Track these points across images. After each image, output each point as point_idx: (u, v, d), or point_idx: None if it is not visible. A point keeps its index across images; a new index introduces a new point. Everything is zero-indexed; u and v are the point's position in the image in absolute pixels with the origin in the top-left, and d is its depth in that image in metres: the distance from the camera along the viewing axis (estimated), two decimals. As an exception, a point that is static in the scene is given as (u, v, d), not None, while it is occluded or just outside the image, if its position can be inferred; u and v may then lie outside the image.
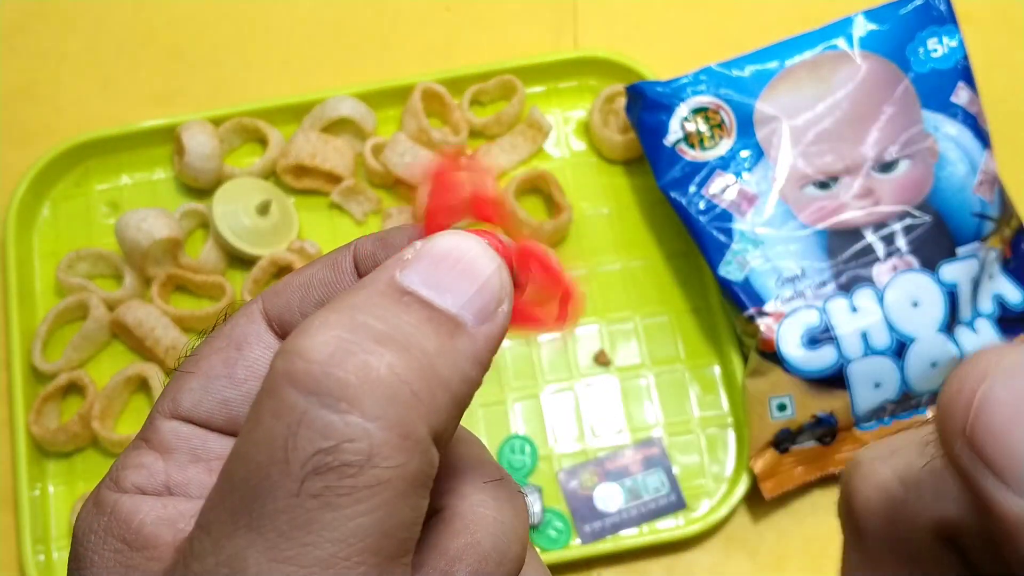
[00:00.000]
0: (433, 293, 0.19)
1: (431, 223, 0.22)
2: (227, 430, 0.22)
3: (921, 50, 0.60)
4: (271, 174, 0.67)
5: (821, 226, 0.58)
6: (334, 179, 0.65)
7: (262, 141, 0.67)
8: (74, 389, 0.61)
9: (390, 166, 0.64)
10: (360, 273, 0.23)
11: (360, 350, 0.17)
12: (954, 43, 0.61)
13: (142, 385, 0.61)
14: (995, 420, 0.17)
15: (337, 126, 0.66)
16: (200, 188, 0.66)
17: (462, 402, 0.19)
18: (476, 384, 0.19)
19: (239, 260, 0.64)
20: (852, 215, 0.58)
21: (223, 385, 0.22)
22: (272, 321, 0.23)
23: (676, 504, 0.58)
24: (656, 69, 0.66)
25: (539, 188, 0.66)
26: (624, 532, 0.58)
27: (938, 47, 0.60)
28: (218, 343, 0.23)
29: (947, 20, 0.61)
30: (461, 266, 0.19)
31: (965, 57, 0.61)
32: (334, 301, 0.19)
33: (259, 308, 0.23)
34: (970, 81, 0.61)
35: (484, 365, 0.19)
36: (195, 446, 0.22)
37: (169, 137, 0.66)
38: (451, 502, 0.22)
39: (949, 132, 0.60)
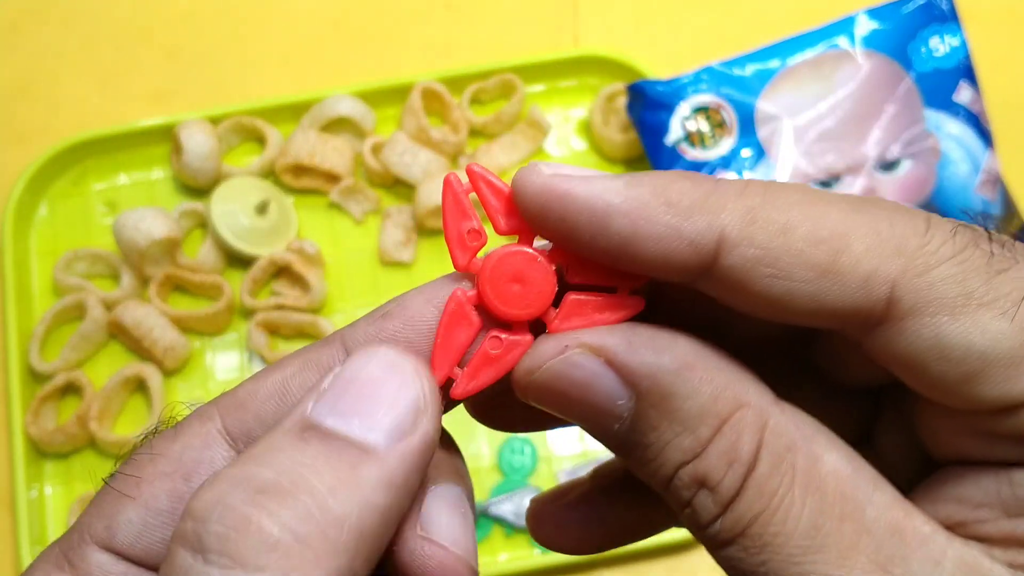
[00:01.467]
0: (339, 421, 0.19)
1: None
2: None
3: (923, 49, 0.60)
4: (270, 173, 0.66)
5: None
6: (333, 178, 0.65)
7: (260, 140, 0.67)
8: (72, 390, 0.61)
9: (389, 165, 0.64)
10: None
11: (241, 503, 0.17)
12: (956, 42, 0.60)
13: (140, 386, 0.61)
14: (552, 405, 0.21)
15: (336, 125, 0.66)
16: (198, 187, 0.65)
17: (372, 531, 0.18)
18: (389, 508, 0.19)
19: (238, 260, 0.63)
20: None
21: (164, 522, 0.20)
22: (237, 439, 0.21)
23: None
24: (656, 68, 0.66)
25: (539, 187, 0.65)
26: (625, 533, 0.58)
27: (940, 46, 0.60)
28: (164, 466, 0.21)
29: (949, 18, 0.61)
30: (370, 387, 0.19)
31: (968, 56, 0.61)
32: (237, 456, 0.19)
33: (218, 428, 0.21)
34: (972, 80, 0.61)
35: (398, 486, 0.19)
36: None
37: (167, 136, 0.66)
38: None
39: (951, 131, 0.59)
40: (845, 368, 0.23)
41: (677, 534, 0.57)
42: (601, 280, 0.21)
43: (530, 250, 0.21)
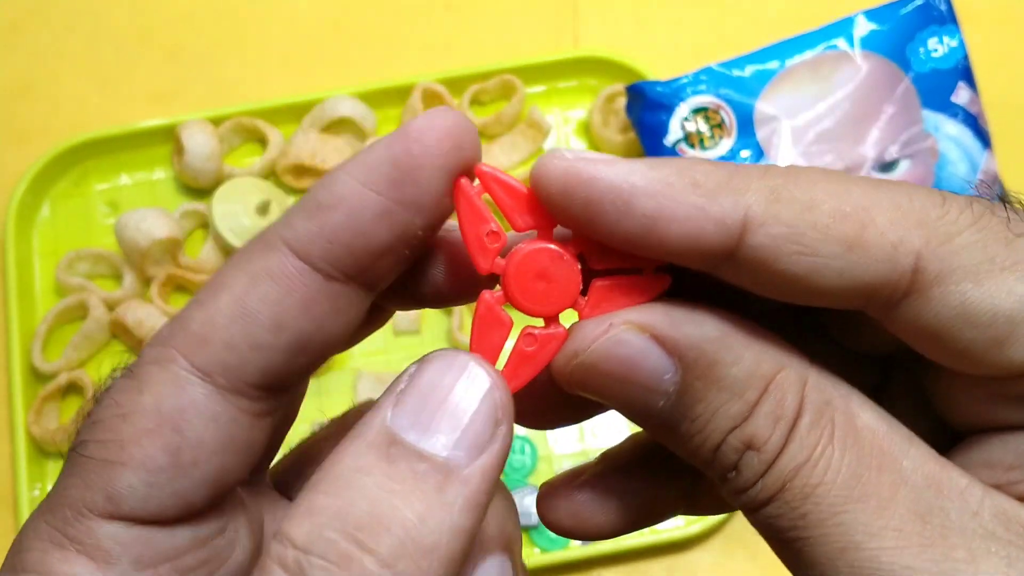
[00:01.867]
0: (422, 438, 0.19)
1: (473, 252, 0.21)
2: (179, 519, 0.20)
3: (922, 50, 0.60)
4: (271, 174, 0.67)
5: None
6: (334, 179, 0.65)
7: (262, 141, 0.67)
8: (74, 389, 0.61)
9: (390, 166, 0.64)
10: (319, 270, 0.20)
11: (341, 538, 0.18)
12: (954, 43, 0.61)
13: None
14: (593, 388, 0.21)
15: (337, 126, 0.66)
16: (200, 188, 0.65)
17: (459, 554, 0.19)
18: (472, 530, 0.19)
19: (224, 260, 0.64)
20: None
21: (170, 477, 0.20)
22: (213, 374, 0.20)
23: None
24: (656, 69, 0.66)
25: (539, 188, 0.66)
26: (624, 532, 0.58)
27: (938, 47, 0.60)
28: (145, 423, 0.20)
29: (947, 20, 0.61)
30: (449, 400, 0.19)
31: (966, 57, 0.61)
32: (324, 468, 0.19)
33: (186, 368, 0.20)
34: (970, 81, 0.61)
35: (481, 505, 0.19)
36: (140, 553, 0.20)
37: (169, 137, 0.66)
38: None
39: (949, 132, 0.60)
40: (856, 338, 0.23)
41: (677, 532, 0.57)
42: (624, 263, 0.21)
43: (551, 245, 0.21)
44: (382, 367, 0.62)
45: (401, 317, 0.62)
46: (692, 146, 0.60)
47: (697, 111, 0.60)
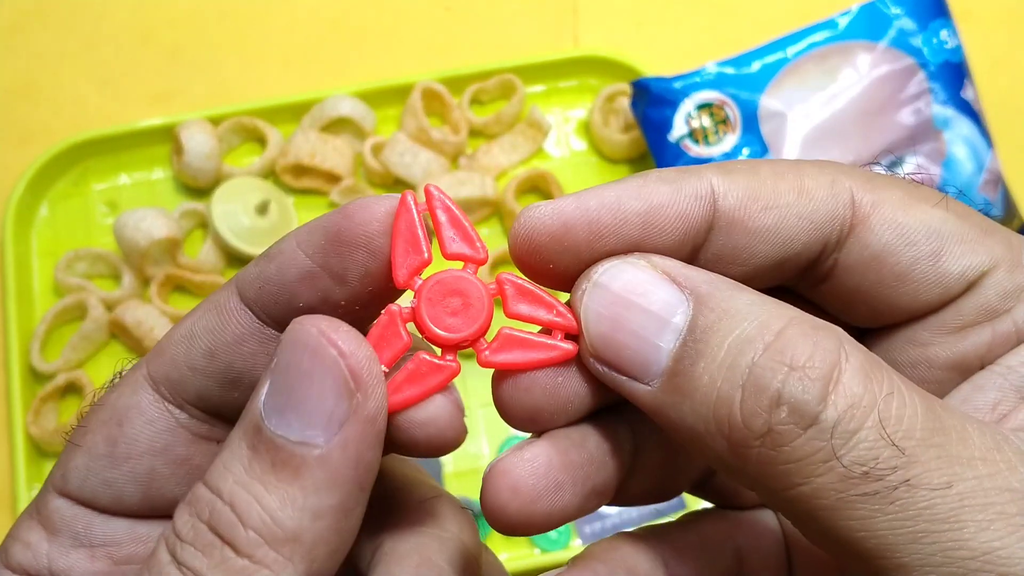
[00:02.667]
0: (281, 423, 0.19)
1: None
2: (112, 510, 0.22)
3: (935, 40, 0.59)
4: (270, 173, 0.66)
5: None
6: (333, 178, 0.65)
7: (261, 140, 0.67)
8: (72, 389, 0.61)
9: (389, 165, 0.64)
10: (252, 307, 0.22)
11: (207, 529, 0.19)
12: (960, 39, 0.60)
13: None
14: (602, 330, 0.20)
15: (336, 125, 0.66)
16: (199, 187, 0.65)
17: (329, 530, 0.19)
18: (343, 502, 0.19)
19: (238, 260, 0.63)
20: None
21: (104, 465, 0.22)
22: (159, 383, 0.22)
23: (676, 505, 0.58)
24: (656, 68, 0.66)
25: (539, 187, 0.66)
26: (625, 533, 0.58)
27: (949, 39, 0.60)
28: (103, 414, 0.22)
29: (946, 13, 0.61)
30: (299, 377, 0.19)
31: (963, 54, 0.61)
32: (216, 456, 0.20)
33: (144, 374, 0.22)
34: (971, 78, 0.61)
35: (347, 480, 0.19)
36: (78, 530, 0.22)
37: (168, 137, 0.66)
38: (391, 537, 0.23)
39: (960, 128, 0.59)
40: (847, 309, 0.23)
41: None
42: (539, 318, 0.21)
43: (472, 277, 0.21)
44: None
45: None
46: (696, 142, 0.60)
47: (702, 107, 0.60)
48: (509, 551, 0.57)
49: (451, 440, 0.21)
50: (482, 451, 0.60)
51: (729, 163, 0.22)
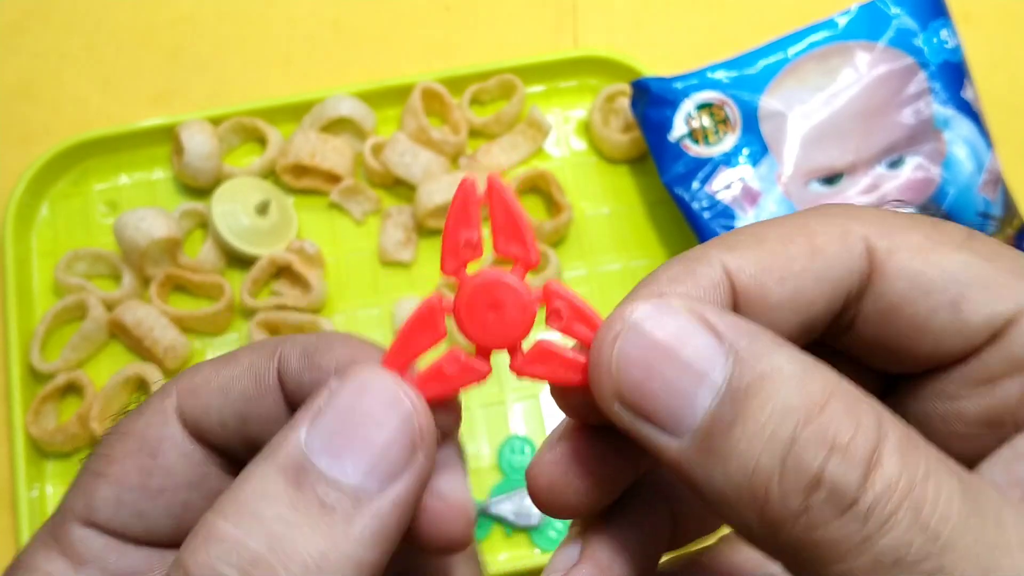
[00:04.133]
0: (333, 463, 0.18)
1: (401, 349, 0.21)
2: (144, 540, 0.22)
3: (935, 39, 0.59)
4: (270, 174, 0.66)
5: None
6: (333, 179, 0.65)
7: (261, 140, 0.67)
8: (72, 389, 0.61)
9: (389, 165, 0.64)
10: (285, 393, 0.22)
11: (236, 573, 0.17)
12: (960, 39, 0.60)
13: (141, 385, 0.61)
14: (633, 376, 0.19)
15: (337, 125, 0.66)
16: (199, 188, 0.65)
17: None
18: (379, 564, 0.18)
19: (238, 260, 0.63)
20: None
21: (138, 497, 0.21)
22: (187, 422, 0.22)
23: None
24: (656, 68, 0.66)
25: (539, 188, 0.66)
26: (625, 533, 0.58)
27: (949, 39, 0.60)
28: (132, 444, 0.22)
29: (945, 13, 0.60)
30: (365, 423, 0.19)
31: (963, 54, 0.61)
32: (232, 488, 0.19)
33: (173, 406, 0.22)
34: (970, 78, 0.61)
35: (390, 537, 0.19)
36: (108, 561, 0.21)
37: (168, 137, 0.66)
38: None
39: (959, 128, 0.59)
40: (873, 357, 0.23)
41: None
42: (583, 335, 0.21)
43: (517, 282, 0.20)
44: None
45: (400, 317, 0.62)
46: (696, 142, 0.60)
47: (702, 107, 0.60)
48: (509, 551, 0.57)
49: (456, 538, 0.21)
50: (482, 451, 0.60)
51: (732, 236, 0.21)
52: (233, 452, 0.22)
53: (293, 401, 0.22)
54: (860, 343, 0.22)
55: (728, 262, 0.21)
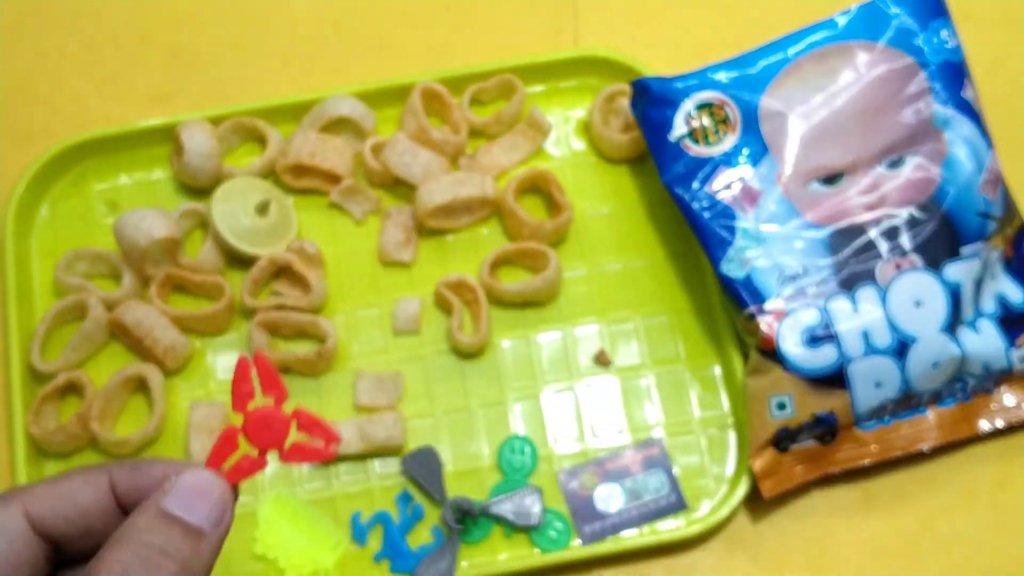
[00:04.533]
0: (187, 514, 0.31)
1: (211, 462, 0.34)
2: None
3: (935, 39, 0.59)
4: (270, 173, 0.66)
5: (824, 223, 0.58)
6: (333, 179, 0.65)
7: (261, 140, 0.67)
8: (73, 389, 0.61)
9: (390, 166, 0.64)
10: (117, 496, 0.33)
11: (150, 561, 0.30)
12: (960, 39, 0.60)
13: (141, 385, 0.61)
14: None
15: (336, 125, 0.66)
16: (199, 187, 0.65)
17: None
18: (210, 570, 0.32)
19: (238, 260, 0.64)
20: (857, 212, 0.58)
21: None
22: (32, 518, 0.32)
23: (677, 505, 0.58)
24: (656, 68, 0.66)
25: (539, 188, 0.66)
26: (624, 533, 0.58)
27: (949, 38, 0.60)
28: None
29: (945, 13, 0.60)
30: (201, 493, 0.32)
31: (963, 54, 0.61)
32: (119, 532, 0.31)
33: (18, 505, 0.32)
34: (970, 78, 0.61)
35: (214, 555, 0.32)
36: None
37: (168, 137, 0.66)
38: None
39: (960, 128, 0.59)
40: None
41: (677, 533, 0.57)
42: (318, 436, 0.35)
43: (278, 412, 0.34)
44: (382, 367, 0.62)
45: (401, 317, 0.62)
46: (696, 142, 0.60)
47: (702, 106, 0.60)
48: (509, 551, 0.57)
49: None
50: (482, 451, 0.60)
51: None
52: (69, 540, 0.33)
53: (122, 500, 0.33)
54: None
55: None
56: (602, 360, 0.62)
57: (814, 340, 0.56)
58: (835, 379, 0.56)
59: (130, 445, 0.58)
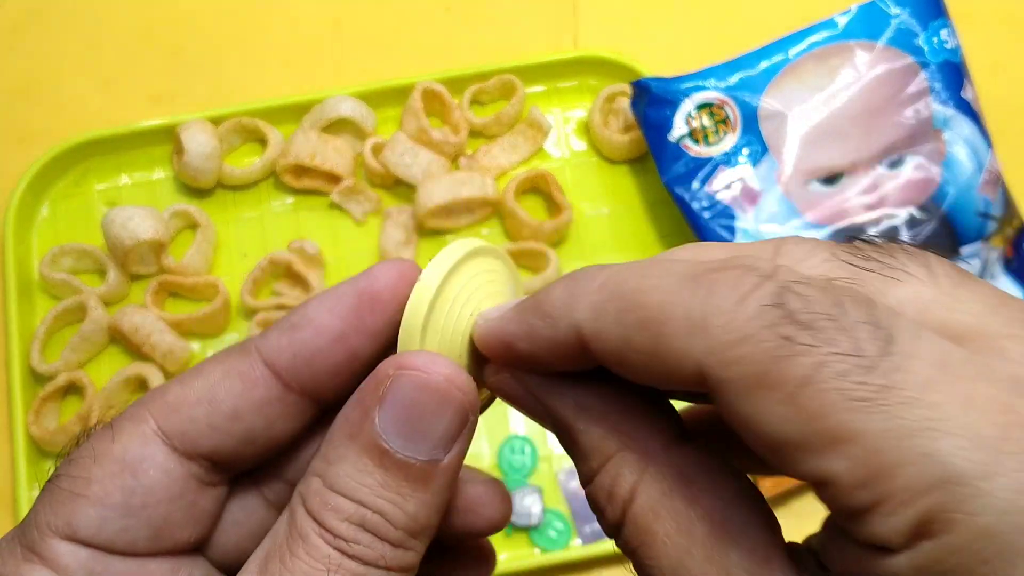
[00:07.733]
0: (407, 445, 0.23)
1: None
2: (126, 552, 0.24)
3: (935, 39, 0.59)
4: (271, 174, 0.66)
5: (824, 223, 0.58)
6: (334, 179, 0.65)
7: (262, 141, 0.67)
8: (73, 390, 0.61)
9: (390, 166, 0.64)
10: (280, 375, 0.25)
11: (359, 530, 0.23)
12: (959, 39, 0.60)
13: (141, 385, 0.61)
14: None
15: (337, 126, 0.66)
16: (199, 188, 0.65)
17: (437, 522, 0.24)
18: (448, 501, 0.24)
19: (225, 260, 0.64)
20: (856, 212, 0.58)
21: (122, 514, 0.24)
22: (171, 438, 0.25)
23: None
24: (656, 68, 0.66)
25: (539, 188, 0.66)
26: (625, 533, 0.58)
27: (949, 39, 0.60)
28: (112, 467, 0.24)
29: (945, 13, 0.60)
30: (429, 410, 0.23)
31: (963, 54, 0.61)
32: (325, 458, 0.23)
33: (152, 429, 0.25)
34: (970, 78, 0.61)
35: (454, 480, 0.24)
36: (95, 571, 0.24)
37: (168, 137, 0.66)
38: None
39: (959, 128, 0.59)
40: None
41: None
42: None
43: None
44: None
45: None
46: (696, 142, 0.60)
47: (702, 107, 0.60)
48: (509, 551, 0.57)
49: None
50: (482, 451, 0.60)
51: (618, 283, 0.22)
52: (223, 453, 0.25)
53: (289, 378, 0.25)
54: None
55: (583, 323, 0.22)
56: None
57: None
58: (835, 379, 0.56)
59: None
